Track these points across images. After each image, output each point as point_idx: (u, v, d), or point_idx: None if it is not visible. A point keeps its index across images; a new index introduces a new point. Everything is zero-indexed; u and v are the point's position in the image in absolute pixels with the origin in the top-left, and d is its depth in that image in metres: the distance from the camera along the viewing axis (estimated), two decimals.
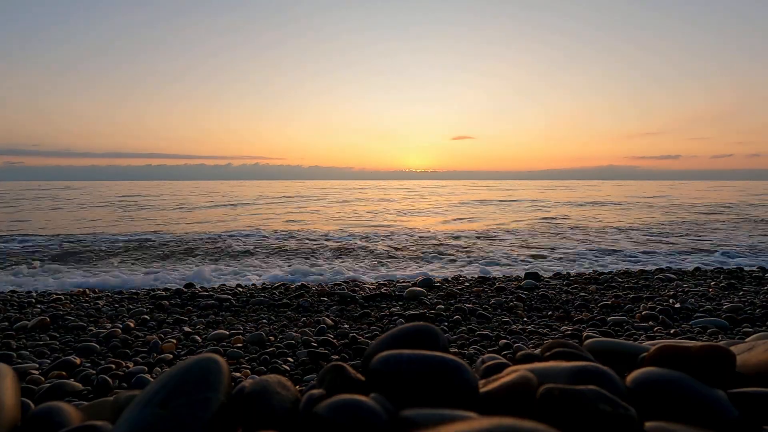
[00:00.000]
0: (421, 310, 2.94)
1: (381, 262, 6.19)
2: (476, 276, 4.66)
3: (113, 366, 1.91)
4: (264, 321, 2.79)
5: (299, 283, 4.14)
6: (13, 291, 3.91)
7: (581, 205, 18.43)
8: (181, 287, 3.97)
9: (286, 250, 7.24)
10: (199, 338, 2.40)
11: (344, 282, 4.36)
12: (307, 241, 8.21)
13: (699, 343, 0.84)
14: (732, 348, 0.90)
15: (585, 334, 2.27)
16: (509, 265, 5.91)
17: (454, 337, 2.38)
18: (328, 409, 0.64)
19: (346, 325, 2.66)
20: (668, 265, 5.69)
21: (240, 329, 2.57)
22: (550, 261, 6.22)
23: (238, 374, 1.82)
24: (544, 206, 17.66)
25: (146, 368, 1.92)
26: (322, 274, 5.18)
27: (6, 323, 2.66)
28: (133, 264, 6.00)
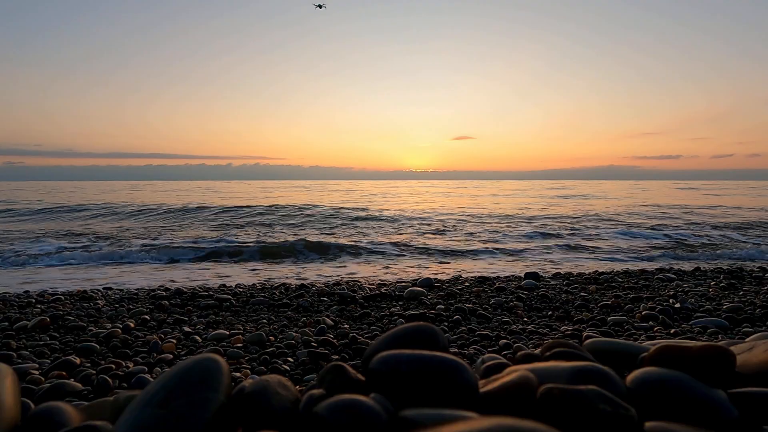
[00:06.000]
0: (421, 310, 2.93)
1: None
2: (476, 276, 4.66)
3: (113, 366, 1.90)
4: (264, 321, 2.78)
5: (299, 283, 4.14)
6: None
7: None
8: (182, 287, 3.97)
9: None
10: (199, 338, 2.40)
11: (345, 282, 4.36)
12: None
13: (699, 343, 0.84)
14: (732, 348, 0.90)
15: (585, 334, 2.27)
16: None
17: (454, 337, 2.38)
18: (328, 409, 0.64)
19: (346, 325, 2.66)
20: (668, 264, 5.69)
21: (240, 329, 2.57)
22: None
23: (238, 374, 1.81)
24: None
25: (146, 368, 1.92)
26: None
27: (6, 323, 2.66)
28: None
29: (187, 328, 2.60)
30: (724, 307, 2.91)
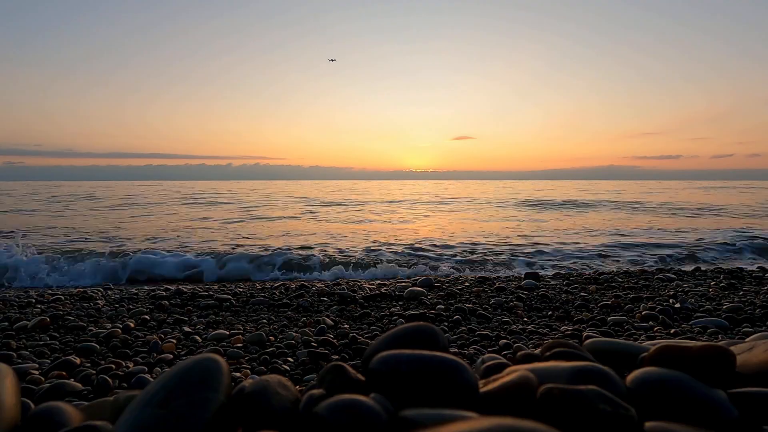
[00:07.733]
0: (421, 310, 2.93)
1: None
2: (476, 276, 4.66)
3: (113, 366, 1.91)
4: (264, 321, 2.78)
5: (299, 284, 4.14)
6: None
7: None
8: (182, 287, 3.97)
9: None
10: (199, 338, 2.40)
11: (345, 282, 4.36)
12: None
13: (699, 343, 0.84)
14: (732, 348, 0.90)
15: (585, 334, 2.27)
16: None
17: (454, 337, 2.38)
18: (328, 409, 0.64)
19: (346, 325, 2.66)
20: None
21: (240, 329, 2.57)
22: None
23: (238, 374, 1.82)
24: None
25: (146, 368, 1.92)
26: None
27: (6, 323, 2.66)
28: None
29: (187, 328, 2.60)
30: (724, 307, 2.91)
